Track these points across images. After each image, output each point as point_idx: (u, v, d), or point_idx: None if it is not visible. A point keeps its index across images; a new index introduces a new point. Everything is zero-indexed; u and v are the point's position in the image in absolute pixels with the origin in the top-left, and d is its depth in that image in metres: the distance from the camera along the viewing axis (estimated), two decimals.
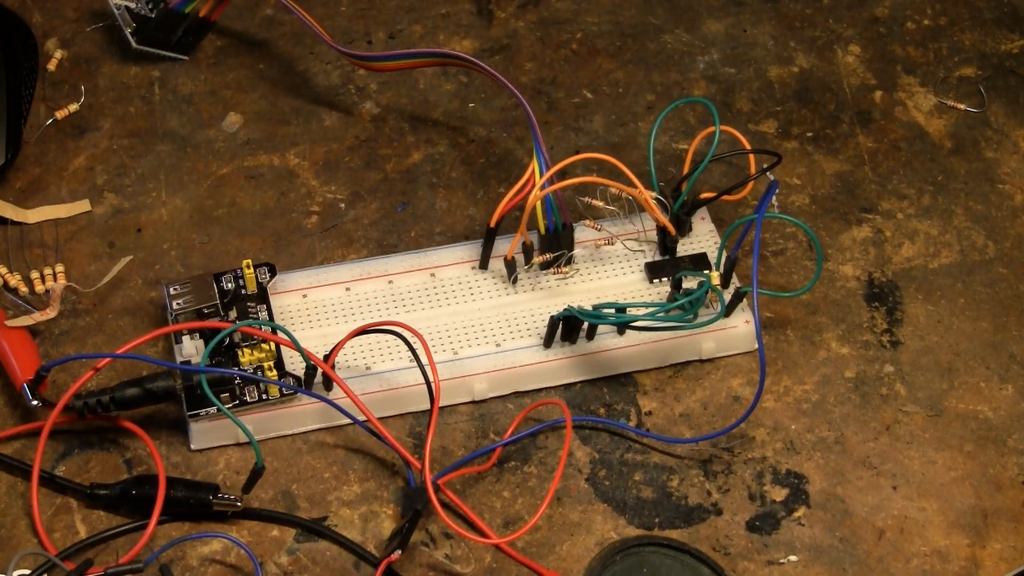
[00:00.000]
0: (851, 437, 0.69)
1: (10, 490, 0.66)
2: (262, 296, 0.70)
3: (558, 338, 0.69)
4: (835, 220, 0.76)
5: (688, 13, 0.85)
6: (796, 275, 0.74)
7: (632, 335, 0.70)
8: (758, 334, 0.66)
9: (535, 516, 0.64)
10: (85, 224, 0.75)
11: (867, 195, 0.77)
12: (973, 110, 0.80)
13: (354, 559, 0.64)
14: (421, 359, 0.66)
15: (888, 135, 0.79)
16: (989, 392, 0.70)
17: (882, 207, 0.76)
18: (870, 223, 0.76)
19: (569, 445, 0.66)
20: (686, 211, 0.72)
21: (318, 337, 0.69)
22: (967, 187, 0.77)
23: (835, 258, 0.75)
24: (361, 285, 0.71)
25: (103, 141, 0.78)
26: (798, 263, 0.74)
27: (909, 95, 0.81)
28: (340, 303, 0.70)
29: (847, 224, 0.76)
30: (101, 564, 0.63)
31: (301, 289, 0.71)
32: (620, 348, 0.70)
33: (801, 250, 0.75)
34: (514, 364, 0.69)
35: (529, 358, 0.69)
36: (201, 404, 0.66)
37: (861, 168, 0.78)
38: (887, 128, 0.80)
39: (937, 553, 0.65)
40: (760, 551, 0.65)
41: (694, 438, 0.68)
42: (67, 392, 0.65)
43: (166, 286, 0.69)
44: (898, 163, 0.78)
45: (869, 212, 0.76)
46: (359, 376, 0.68)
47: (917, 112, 0.80)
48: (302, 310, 0.70)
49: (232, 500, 0.65)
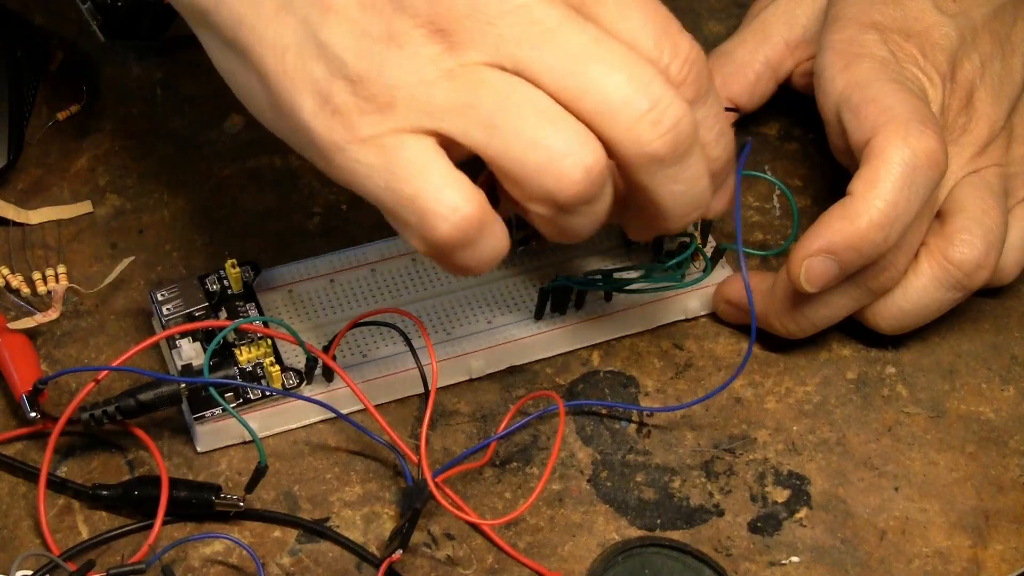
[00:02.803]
0: (852, 438, 0.69)
1: (12, 491, 0.66)
2: (249, 294, 0.70)
3: (548, 310, 0.70)
4: None
5: (689, 15, 0.85)
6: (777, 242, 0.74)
7: (618, 300, 0.71)
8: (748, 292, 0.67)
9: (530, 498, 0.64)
10: (87, 225, 0.75)
11: None
12: None
13: (356, 560, 0.64)
14: (415, 345, 0.67)
15: None
16: (991, 393, 0.70)
17: None
18: None
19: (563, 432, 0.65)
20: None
21: (310, 329, 0.70)
22: None
23: None
24: (344, 275, 0.71)
25: (105, 142, 0.78)
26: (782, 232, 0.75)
27: None
28: (326, 295, 0.71)
29: None
30: (103, 565, 0.63)
31: (286, 285, 0.71)
32: (608, 314, 0.71)
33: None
34: (507, 339, 0.70)
35: (521, 332, 0.70)
36: (205, 406, 0.66)
37: None
38: None
39: (939, 554, 0.65)
40: (762, 552, 0.65)
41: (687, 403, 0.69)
42: (69, 406, 0.65)
43: (152, 292, 0.69)
44: None
45: None
46: (357, 364, 0.68)
47: None
48: (289, 305, 0.70)
49: (234, 500, 0.65)
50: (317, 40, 0.57)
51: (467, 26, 0.56)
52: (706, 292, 0.72)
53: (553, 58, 0.56)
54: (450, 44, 0.56)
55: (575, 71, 0.56)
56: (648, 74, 0.56)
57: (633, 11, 0.58)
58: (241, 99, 0.61)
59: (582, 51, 0.56)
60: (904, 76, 0.68)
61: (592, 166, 0.56)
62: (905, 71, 0.69)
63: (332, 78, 0.57)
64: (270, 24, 0.58)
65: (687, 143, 0.58)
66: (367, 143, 0.57)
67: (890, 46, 0.69)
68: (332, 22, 0.57)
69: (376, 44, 0.56)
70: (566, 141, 0.56)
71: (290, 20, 0.57)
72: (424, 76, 0.56)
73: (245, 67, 0.59)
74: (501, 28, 0.56)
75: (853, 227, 0.65)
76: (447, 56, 0.56)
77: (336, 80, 0.56)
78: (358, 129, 0.56)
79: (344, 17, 0.57)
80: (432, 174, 0.56)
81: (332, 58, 0.57)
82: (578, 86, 0.56)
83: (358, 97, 0.56)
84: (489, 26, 0.56)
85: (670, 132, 0.57)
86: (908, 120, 0.66)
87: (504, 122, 0.56)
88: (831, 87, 0.69)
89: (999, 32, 0.71)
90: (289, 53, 0.57)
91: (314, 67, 0.57)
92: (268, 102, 0.59)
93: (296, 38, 0.57)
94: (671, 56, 0.58)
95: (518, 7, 0.56)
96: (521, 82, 0.56)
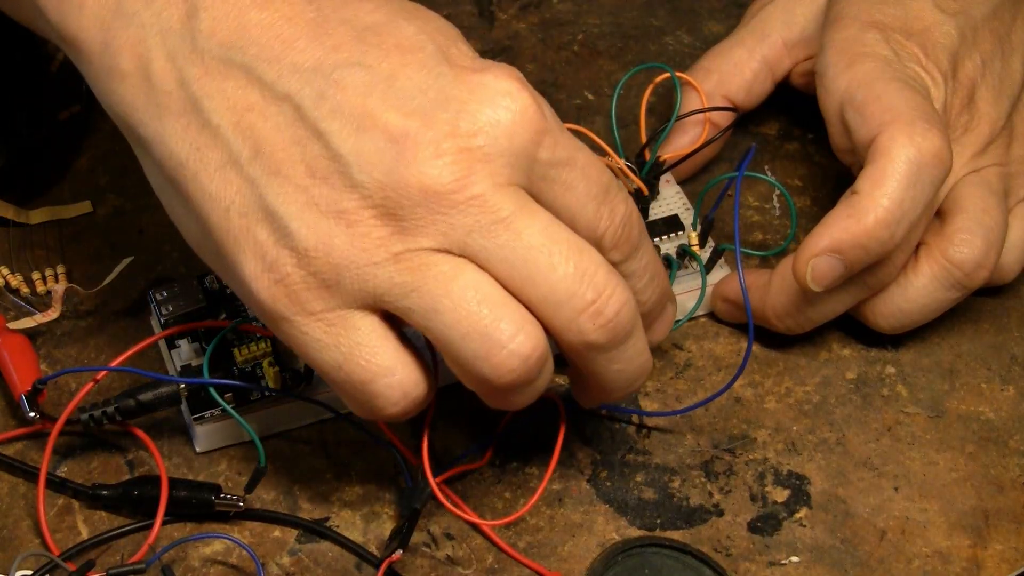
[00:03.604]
0: (852, 438, 0.69)
1: (12, 491, 0.66)
2: None
3: None
4: None
5: (689, 15, 0.85)
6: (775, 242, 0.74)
7: None
8: (743, 290, 0.67)
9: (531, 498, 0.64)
10: (87, 225, 0.75)
11: None
12: None
13: (356, 560, 0.64)
14: None
15: None
16: (990, 393, 0.70)
17: None
18: None
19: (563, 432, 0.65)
20: (654, 175, 0.73)
21: None
22: None
23: None
24: None
25: (105, 142, 0.78)
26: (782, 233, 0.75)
27: None
28: None
29: None
30: (103, 565, 0.63)
31: None
32: None
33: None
34: None
35: None
36: (205, 406, 0.66)
37: None
38: None
39: (939, 554, 0.65)
40: (762, 552, 0.65)
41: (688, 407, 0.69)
42: (69, 406, 0.65)
43: (151, 292, 0.69)
44: None
45: None
46: None
47: None
48: None
49: (234, 500, 0.65)
50: (264, 204, 0.56)
51: (418, 213, 0.55)
52: (706, 292, 0.72)
53: (504, 249, 0.55)
54: (400, 228, 0.55)
55: (525, 260, 0.56)
56: (594, 264, 0.57)
57: (579, 182, 0.58)
58: (178, 227, 0.60)
59: (532, 241, 0.56)
60: (907, 75, 0.68)
61: (530, 355, 0.56)
62: (908, 70, 0.69)
63: (278, 247, 0.56)
64: (215, 177, 0.56)
65: (627, 330, 0.58)
66: (314, 317, 0.56)
67: (892, 45, 0.69)
68: (280, 187, 0.55)
69: (324, 218, 0.55)
70: (506, 331, 0.55)
71: (235, 177, 0.56)
72: (372, 258, 0.55)
73: (186, 208, 0.58)
74: (453, 217, 0.55)
75: (859, 225, 0.65)
76: (396, 240, 0.55)
77: (282, 249, 0.55)
78: (304, 303, 0.56)
79: (293, 184, 0.55)
80: (383, 357, 0.57)
81: (279, 227, 0.55)
82: (526, 276, 0.56)
83: (305, 271, 0.55)
84: (441, 215, 0.55)
85: (611, 322, 0.57)
86: (913, 119, 0.66)
87: (445, 308, 0.55)
88: (834, 86, 0.69)
89: (999, 31, 0.71)
90: (233, 211, 0.56)
91: (259, 231, 0.56)
92: (209, 249, 0.58)
93: (242, 198, 0.56)
94: (608, 222, 0.58)
95: (472, 197, 0.55)
96: (467, 267, 0.56)
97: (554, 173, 0.57)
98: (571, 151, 0.58)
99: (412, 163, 0.55)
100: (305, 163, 0.55)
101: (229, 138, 0.56)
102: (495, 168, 0.55)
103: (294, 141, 0.56)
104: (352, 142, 0.55)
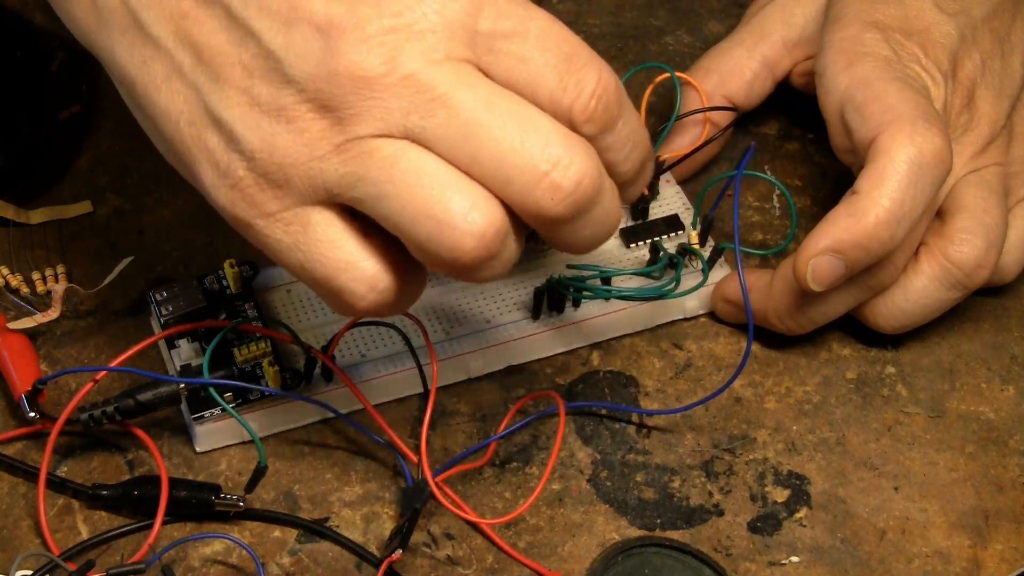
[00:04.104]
0: (852, 438, 0.69)
1: (12, 491, 0.66)
2: (248, 294, 0.70)
3: (545, 309, 0.70)
4: None
5: (689, 15, 0.85)
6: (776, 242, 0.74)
7: (618, 300, 0.71)
8: (744, 290, 0.67)
9: (530, 498, 0.64)
10: (87, 225, 0.75)
11: None
12: None
13: (356, 560, 0.64)
14: (414, 345, 0.67)
15: None
16: (990, 393, 0.70)
17: None
18: None
19: (563, 432, 0.65)
20: (654, 174, 0.73)
21: (309, 329, 0.70)
22: None
23: None
24: None
25: (105, 142, 0.78)
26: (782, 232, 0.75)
27: None
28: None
29: None
30: (103, 565, 0.63)
31: (285, 284, 0.71)
32: (608, 314, 0.71)
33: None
34: (506, 338, 0.70)
35: (520, 331, 0.70)
36: (204, 406, 0.66)
37: None
38: None
39: (939, 554, 0.65)
40: (762, 552, 0.65)
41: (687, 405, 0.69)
42: (68, 406, 0.65)
43: (151, 293, 0.69)
44: None
45: None
46: (356, 364, 0.68)
47: None
48: (288, 305, 0.70)
49: (234, 500, 0.65)
50: (209, 110, 0.55)
51: (352, 101, 0.54)
52: (707, 291, 0.72)
53: (443, 127, 0.53)
54: (337, 119, 0.54)
55: (466, 136, 0.53)
56: (544, 134, 0.54)
57: (533, 52, 0.55)
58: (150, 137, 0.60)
59: (471, 116, 0.53)
60: (907, 74, 0.68)
61: (484, 232, 0.54)
62: (908, 69, 0.69)
63: (228, 152, 0.55)
64: (162, 89, 0.56)
65: (590, 199, 0.55)
66: (272, 219, 0.56)
67: (892, 45, 0.69)
68: (222, 91, 0.55)
69: (265, 118, 0.55)
70: (456, 210, 0.53)
71: (181, 87, 0.56)
72: (315, 152, 0.54)
73: (148, 124, 0.58)
74: (388, 101, 0.53)
75: (860, 225, 0.65)
76: (335, 131, 0.54)
77: (232, 154, 0.55)
78: (260, 205, 0.56)
79: (234, 87, 0.55)
80: (343, 251, 0.56)
81: (226, 131, 0.55)
82: (470, 153, 0.53)
83: (255, 173, 0.55)
84: (375, 101, 0.53)
85: (571, 195, 0.54)
86: (914, 118, 0.66)
87: (390, 193, 0.54)
88: (834, 85, 0.69)
89: (999, 31, 0.71)
90: (183, 121, 0.56)
91: (209, 138, 0.56)
92: (175, 161, 0.58)
93: (189, 107, 0.56)
94: (574, 94, 0.55)
95: (403, 77, 0.53)
96: (410, 149, 0.54)
97: (501, 45, 0.54)
98: (520, 21, 0.54)
99: (340, 52, 0.53)
100: (242, 64, 0.55)
101: (170, 48, 0.56)
102: (427, 45, 0.53)
103: (229, 43, 0.55)
104: (282, 38, 0.54)
